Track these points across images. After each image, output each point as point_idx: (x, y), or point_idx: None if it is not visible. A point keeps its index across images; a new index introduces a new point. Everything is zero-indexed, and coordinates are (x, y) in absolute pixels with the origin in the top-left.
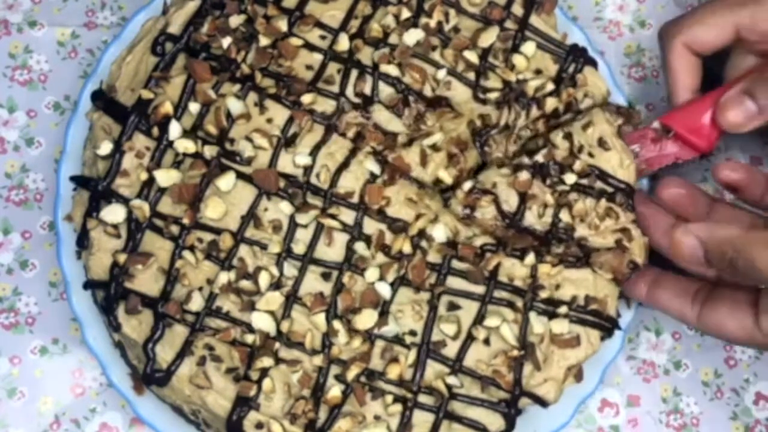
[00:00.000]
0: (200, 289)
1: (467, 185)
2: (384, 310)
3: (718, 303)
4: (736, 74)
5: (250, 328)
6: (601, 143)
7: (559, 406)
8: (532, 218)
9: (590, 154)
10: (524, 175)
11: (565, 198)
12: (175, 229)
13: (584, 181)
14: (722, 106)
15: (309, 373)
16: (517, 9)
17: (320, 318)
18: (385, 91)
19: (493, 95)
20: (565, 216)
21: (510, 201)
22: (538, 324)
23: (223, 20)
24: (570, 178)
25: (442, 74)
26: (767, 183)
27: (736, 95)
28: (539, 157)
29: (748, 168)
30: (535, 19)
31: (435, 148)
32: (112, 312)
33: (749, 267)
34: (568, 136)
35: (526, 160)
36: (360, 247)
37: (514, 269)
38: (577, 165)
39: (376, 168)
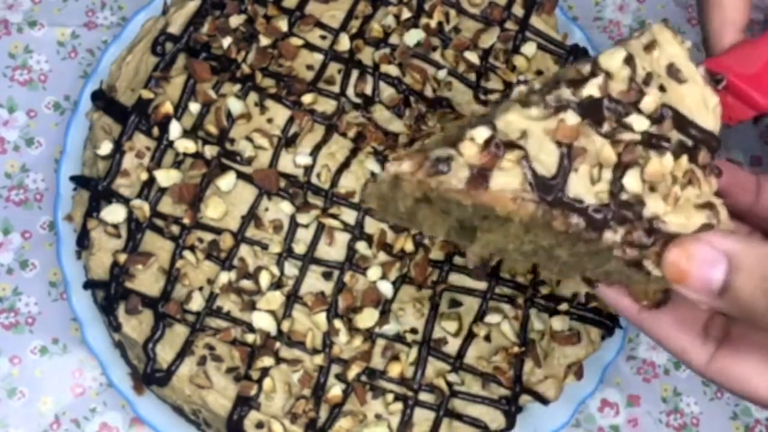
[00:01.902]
0: (201, 288)
1: (480, 133)
2: (385, 308)
3: (742, 346)
4: None
5: (250, 328)
6: (673, 72)
7: (559, 406)
8: (580, 186)
9: (661, 87)
10: (571, 117)
11: (631, 153)
12: (175, 229)
13: (655, 129)
14: None
15: (310, 372)
16: (518, 9)
17: (321, 317)
18: (386, 91)
19: (493, 96)
20: (632, 182)
21: (547, 158)
22: (538, 321)
23: (223, 20)
24: (639, 123)
25: (442, 75)
26: (758, 188)
27: None
28: (590, 90)
29: (735, 169)
30: (535, 20)
31: None
32: (113, 312)
33: None
34: (629, 61)
35: (568, 93)
36: (361, 246)
37: (518, 263)
38: (648, 102)
39: (377, 168)
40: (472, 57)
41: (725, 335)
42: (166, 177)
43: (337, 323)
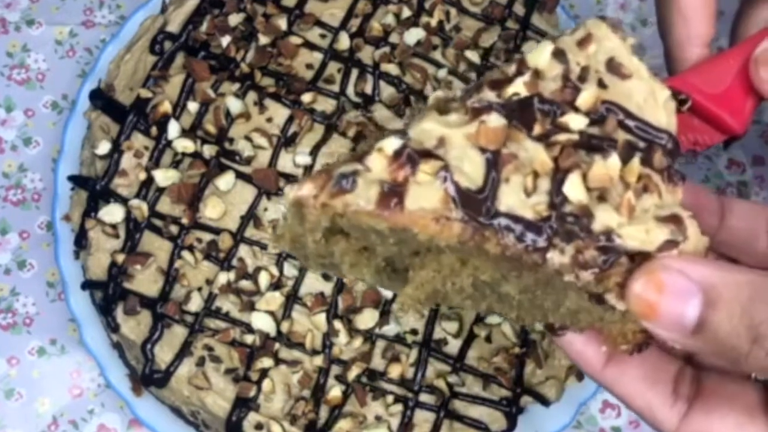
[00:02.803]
0: (199, 289)
1: (390, 143)
2: (385, 309)
3: (715, 403)
4: (753, 30)
5: (249, 329)
6: (614, 67)
7: (561, 407)
8: (513, 199)
9: (600, 83)
10: (495, 119)
11: (570, 156)
12: (174, 229)
13: (597, 131)
14: (762, 60)
15: (309, 373)
16: (519, 8)
17: (321, 318)
18: (386, 90)
19: None
20: (574, 189)
21: (471, 169)
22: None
23: (222, 19)
24: (577, 121)
25: (443, 74)
26: (722, 211)
27: None
28: (515, 88)
29: (696, 189)
30: (536, 19)
31: None
32: (111, 312)
33: None
34: (559, 55)
35: (491, 95)
36: None
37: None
38: (585, 97)
39: None
40: (473, 56)
41: (696, 392)
42: (164, 177)
43: (337, 324)
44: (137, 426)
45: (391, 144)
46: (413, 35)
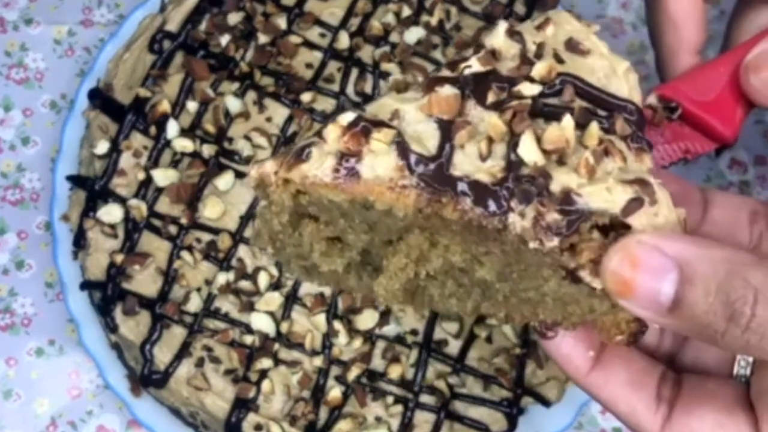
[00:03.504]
0: (198, 289)
1: (345, 116)
2: (385, 309)
3: (695, 403)
4: (747, 35)
5: (249, 329)
6: (572, 45)
7: (561, 408)
8: (468, 164)
9: (557, 58)
10: (447, 90)
11: (523, 121)
12: (173, 229)
13: (555, 101)
14: (753, 65)
15: (309, 374)
16: (519, 7)
17: (320, 318)
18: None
19: None
20: (528, 151)
21: (426, 137)
22: None
23: (221, 18)
24: (530, 88)
25: None
26: (706, 203)
27: None
28: (470, 63)
29: (680, 180)
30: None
31: None
32: (109, 313)
33: None
34: (515, 34)
35: (446, 72)
36: None
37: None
38: (540, 67)
39: None
40: None
41: (677, 394)
42: (163, 176)
43: (337, 324)
44: (136, 427)
45: (346, 116)
46: (413, 34)
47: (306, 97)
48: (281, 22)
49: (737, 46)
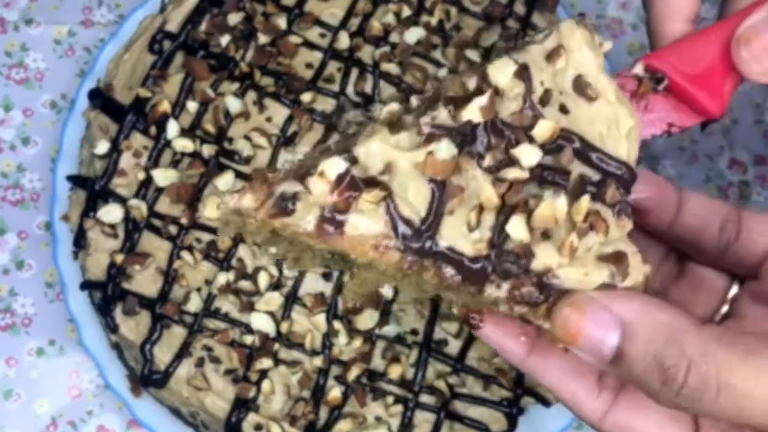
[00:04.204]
0: (199, 289)
1: (333, 166)
2: (385, 309)
3: (641, 399)
4: (745, 3)
5: (249, 329)
6: (581, 87)
7: (561, 408)
8: (456, 232)
9: (563, 108)
10: (444, 150)
11: (517, 194)
12: (173, 229)
13: (551, 161)
14: (744, 37)
15: (309, 374)
16: (519, 7)
17: (320, 318)
18: (386, 90)
19: None
20: (517, 229)
21: (416, 199)
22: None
23: (221, 18)
24: (529, 156)
25: (443, 73)
26: (680, 204)
27: (765, 20)
28: (470, 113)
29: (659, 183)
30: (537, 18)
31: None
32: (110, 313)
33: (712, 397)
34: (522, 74)
35: (445, 115)
36: None
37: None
38: (543, 128)
39: None
40: (474, 55)
41: (621, 388)
42: (163, 176)
43: (337, 324)
44: (136, 427)
45: (335, 168)
46: (413, 34)
47: (306, 97)
48: (281, 22)
49: (732, 15)
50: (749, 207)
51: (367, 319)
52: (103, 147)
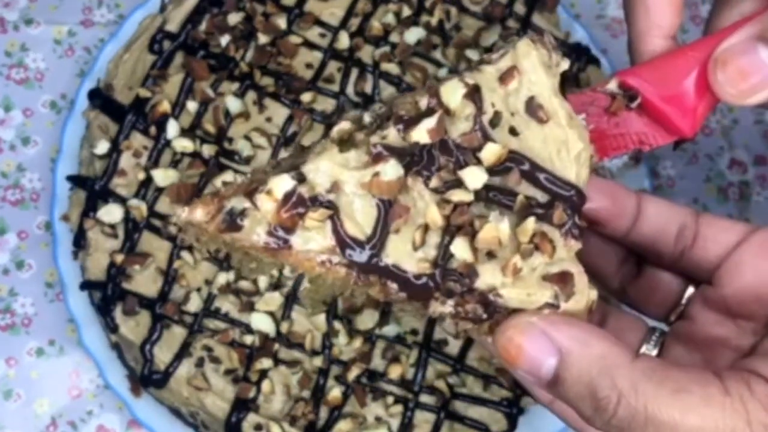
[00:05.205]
0: (198, 289)
1: (281, 184)
2: (385, 309)
3: None
4: (728, 22)
5: (249, 329)
6: (532, 109)
7: None
8: (400, 250)
9: (512, 131)
10: (390, 170)
11: (462, 215)
12: (173, 229)
13: (499, 181)
14: (721, 59)
15: (309, 374)
16: (519, 7)
17: (320, 318)
18: (386, 90)
19: None
20: (461, 249)
21: (362, 217)
22: None
23: (221, 18)
24: (475, 179)
25: (443, 73)
26: (638, 212)
27: (743, 43)
28: (419, 135)
29: (617, 192)
30: (537, 18)
31: None
32: (110, 313)
33: (641, 429)
34: (473, 96)
35: (394, 135)
36: None
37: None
38: (490, 151)
39: None
40: (474, 55)
41: None
42: (163, 176)
43: (337, 324)
44: (136, 427)
45: (282, 186)
46: (413, 34)
47: (306, 97)
48: (281, 22)
49: (713, 33)
50: (749, 207)
51: (367, 319)
52: (103, 147)
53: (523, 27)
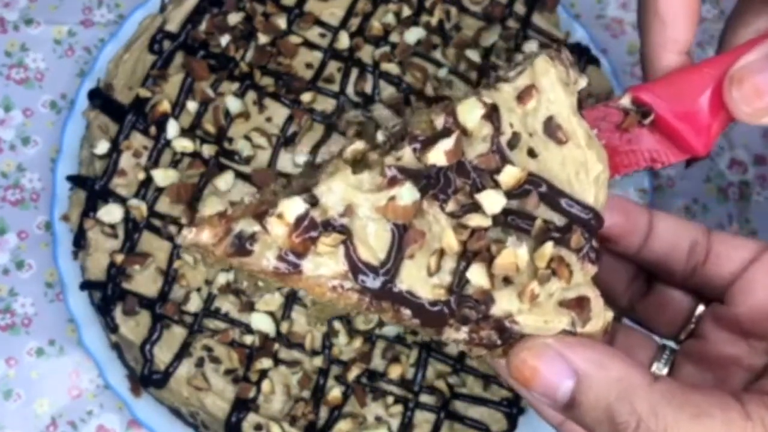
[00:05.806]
0: (199, 289)
1: (292, 207)
2: None
3: None
4: (743, 39)
5: (249, 329)
6: (551, 130)
7: None
8: (415, 276)
9: (531, 152)
10: (406, 195)
11: (479, 241)
12: (173, 229)
13: (516, 205)
14: (737, 77)
15: (309, 374)
16: (519, 7)
17: None
18: (386, 90)
19: None
20: (477, 276)
21: (376, 242)
22: None
23: (221, 18)
24: (493, 203)
25: (443, 73)
26: (650, 228)
27: (759, 61)
28: (435, 157)
29: (629, 209)
30: (537, 18)
31: None
32: (110, 313)
33: None
34: (491, 116)
35: (410, 156)
36: None
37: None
38: (509, 174)
39: None
40: (474, 55)
41: None
42: (163, 176)
43: (337, 324)
44: (136, 427)
45: (294, 209)
46: (413, 34)
47: (306, 97)
48: (281, 22)
49: (729, 50)
50: (749, 207)
51: (367, 319)
52: (103, 147)
53: (523, 27)
